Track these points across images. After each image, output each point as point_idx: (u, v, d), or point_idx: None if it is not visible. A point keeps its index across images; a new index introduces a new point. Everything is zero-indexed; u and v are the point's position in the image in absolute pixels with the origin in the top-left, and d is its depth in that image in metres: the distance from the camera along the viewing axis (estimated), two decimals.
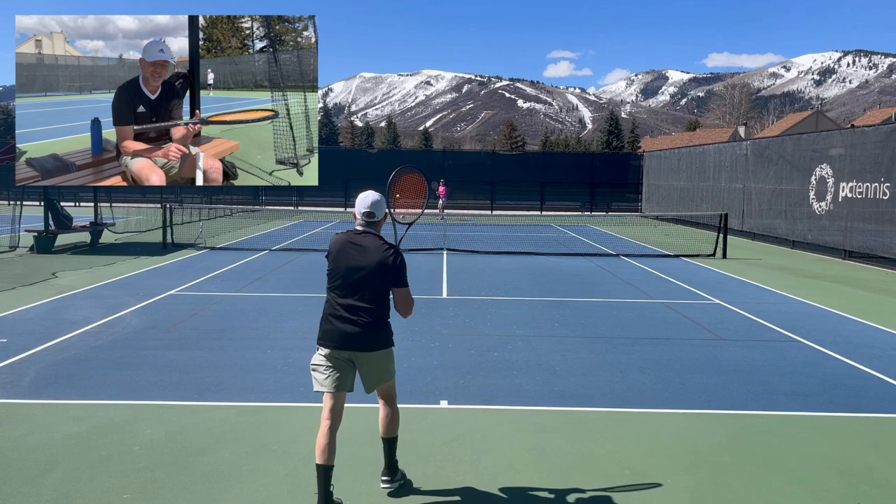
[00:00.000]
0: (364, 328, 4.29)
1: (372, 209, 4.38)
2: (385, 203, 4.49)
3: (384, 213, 4.46)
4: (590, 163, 42.36)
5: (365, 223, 4.41)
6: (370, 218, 4.39)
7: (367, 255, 4.30)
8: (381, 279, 4.30)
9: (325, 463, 4.22)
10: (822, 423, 6.00)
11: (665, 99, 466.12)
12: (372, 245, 4.32)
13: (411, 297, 4.40)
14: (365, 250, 4.31)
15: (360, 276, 4.29)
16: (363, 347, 4.31)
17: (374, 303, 4.32)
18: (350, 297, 4.32)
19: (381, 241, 4.36)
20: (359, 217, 4.42)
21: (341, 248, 4.36)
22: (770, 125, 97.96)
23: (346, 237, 4.40)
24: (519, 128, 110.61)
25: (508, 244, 20.09)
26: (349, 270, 4.31)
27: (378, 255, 4.29)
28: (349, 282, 4.32)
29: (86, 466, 4.82)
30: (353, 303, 4.31)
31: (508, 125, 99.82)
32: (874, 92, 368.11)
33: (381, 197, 4.44)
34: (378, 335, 4.34)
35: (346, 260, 4.32)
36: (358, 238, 4.36)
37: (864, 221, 17.32)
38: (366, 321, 4.29)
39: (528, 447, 5.32)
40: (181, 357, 7.57)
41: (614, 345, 8.56)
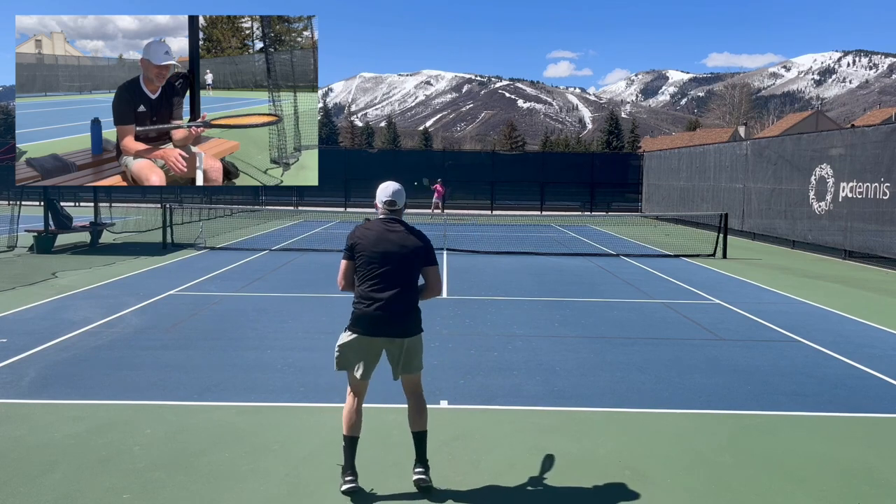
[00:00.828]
0: (402, 313, 4.48)
1: (394, 197, 4.58)
2: (405, 192, 4.68)
3: (405, 201, 4.67)
4: (590, 163, 42.35)
5: (388, 212, 4.59)
6: (392, 206, 4.58)
7: (403, 241, 4.50)
8: (416, 262, 4.52)
9: (354, 434, 4.57)
10: (822, 423, 6.00)
11: (665, 99, 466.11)
12: (404, 231, 4.55)
13: (439, 276, 4.68)
14: (400, 236, 4.52)
15: (399, 261, 4.48)
16: (400, 333, 4.49)
17: (410, 288, 4.54)
18: (388, 283, 4.48)
19: (410, 227, 4.60)
20: (381, 206, 4.60)
21: (378, 237, 4.50)
22: (770, 125, 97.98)
23: (378, 226, 4.55)
24: (519, 128, 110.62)
25: (508, 244, 20.09)
26: (388, 257, 4.47)
27: (412, 240, 4.52)
28: (387, 268, 4.48)
29: (86, 466, 4.82)
30: (392, 289, 4.47)
31: (508, 125, 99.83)
32: (874, 92, 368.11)
33: (401, 187, 4.64)
34: (415, 319, 4.55)
35: (385, 246, 4.48)
36: (391, 226, 4.55)
37: (865, 221, 17.32)
38: (404, 306, 4.49)
39: (528, 447, 5.32)
40: (181, 357, 7.57)
41: (614, 345, 8.55)
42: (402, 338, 4.49)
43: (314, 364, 7.40)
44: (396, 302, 4.45)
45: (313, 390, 6.56)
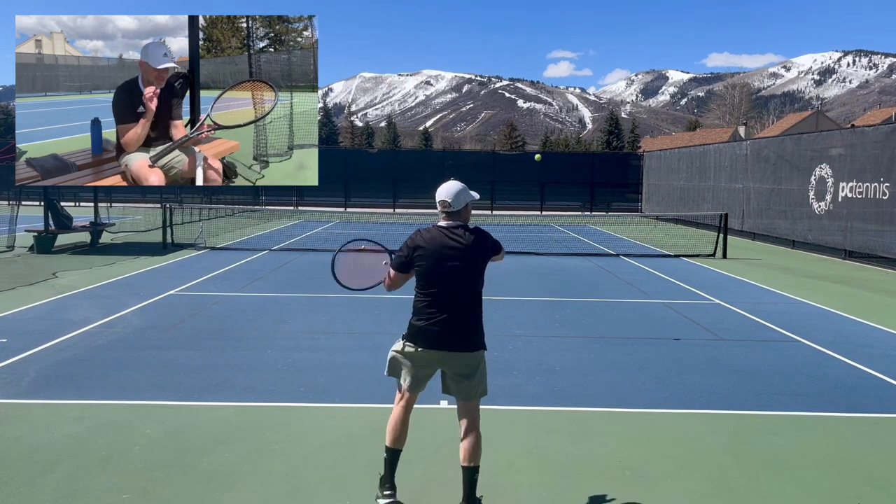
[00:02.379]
0: (463, 327, 4.23)
1: (446, 198, 4.21)
2: (467, 193, 4.29)
3: (464, 202, 4.27)
4: (590, 163, 42.35)
5: (446, 214, 4.27)
6: (445, 208, 4.24)
7: (467, 249, 4.23)
8: (482, 264, 4.32)
9: (399, 447, 4.33)
10: (822, 423, 6.00)
11: (665, 99, 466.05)
12: (467, 236, 4.25)
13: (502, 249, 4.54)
14: (464, 245, 4.22)
15: (464, 270, 4.23)
16: (458, 347, 4.21)
17: (476, 299, 4.32)
18: (452, 294, 4.23)
19: (471, 230, 4.31)
20: (439, 208, 4.28)
21: (439, 246, 4.19)
22: (770, 125, 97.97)
23: (439, 235, 4.23)
24: (519, 128, 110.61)
25: (508, 244, 20.02)
26: (451, 269, 4.20)
27: (477, 244, 4.28)
28: (451, 279, 4.21)
29: (86, 466, 4.82)
30: (456, 301, 4.23)
31: (508, 125, 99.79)
32: (874, 92, 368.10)
33: (462, 187, 4.27)
34: (480, 332, 4.32)
35: (448, 255, 4.19)
36: (453, 234, 4.23)
37: (864, 221, 17.32)
38: (467, 319, 4.25)
39: (528, 447, 5.32)
40: (181, 357, 7.57)
41: (614, 345, 8.55)
42: (463, 352, 4.22)
43: (314, 364, 7.41)
44: (460, 315, 4.23)
45: (313, 390, 6.56)
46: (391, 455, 4.32)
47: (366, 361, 7.54)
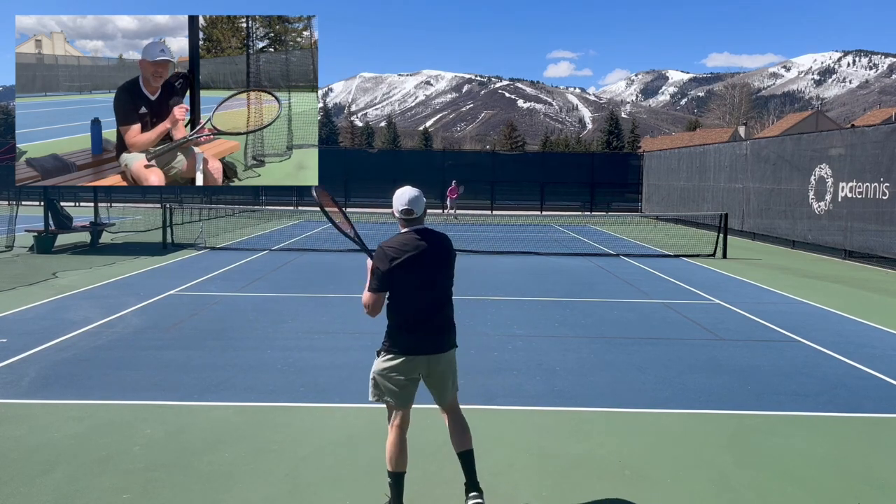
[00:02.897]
0: (445, 328, 4.26)
1: (410, 206, 4.19)
2: (423, 198, 4.28)
3: (423, 208, 4.27)
4: (590, 163, 42.34)
5: (406, 220, 4.23)
6: (409, 215, 4.20)
7: (440, 252, 4.22)
8: (452, 269, 4.31)
9: (401, 470, 4.21)
10: (822, 423, 6.00)
11: (665, 99, 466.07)
12: (437, 240, 4.24)
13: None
14: (437, 247, 4.20)
15: (440, 273, 4.23)
16: (442, 348, 4.23)
17: (450, 298, 4.33)
18: (433, 297, 4.23)
19: (436, 233, 4.28)
20: (398, 215, 4.24)
21: (415, 252, 4.12)
22: (770, 125, 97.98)
23: (411, 240, 4.17)
24: (519, 128, 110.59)
25: (508, 244, 20.09)
26: (429, 271, 4.17)
27: (447, 248, 4.27)
28: (430, 283, 4.20)
29: (86, 466, 4.82)
30: (437, 303, 4.24)
31: (508, 125, 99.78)
32: (874, 92, 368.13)
33: (419, 193, 4.25)
34: (454, 332, 4.33)
35: (424, 260, 4.15)
36: (424, 236, 4.20)
37: (864, 221, 17.32)
38: (447, 320, 4.29)
39: (528, 447, 5.32)
40: (181, 357, 7.57)
41: (614, 345, 8.55)
42: (442, 353, 4.22)
43: (314, 364, 7.41)
44: (442, 314, 4.26)
45: (313, 390, 6.57)
46: (396, 479, 4.19)
47: (366, 361, 7.51)
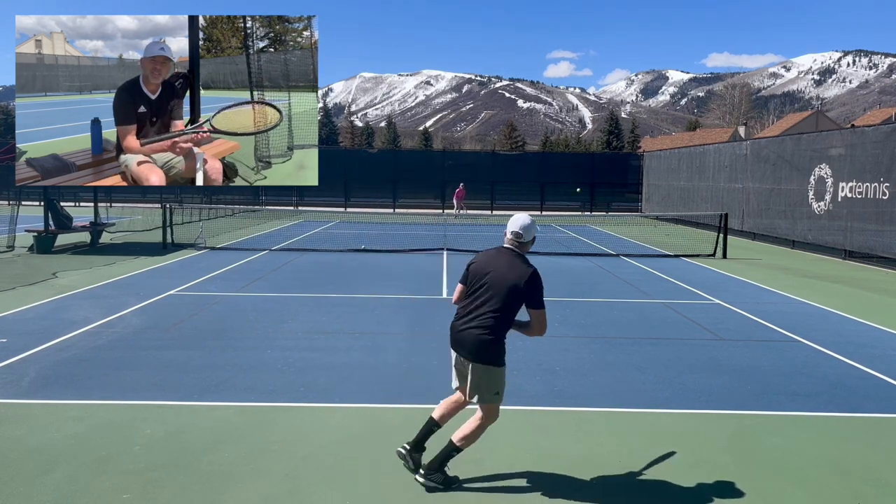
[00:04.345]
0: (476, 336, 4.51)
1: (521, 230, 4.62)
2: (535, 227, 4.69)
3: (532, 236, 4.68)
4: (590, 163, 42.34)
5: (513, 242, 4.65)
6: (518, 238, 4.63)
7: (505, 272, 4.52)
8: (511, 296, 4.49)
9: (435, 417, 4.76)
10: (822, 423, 6.00)
11: (665, 99, 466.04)
12: (515, 262, 4.56)
13: (544, 320, 4.58)
14: (505, 267, 4.55)
15: (491, 286, 4.53)
16: (469, 356, 4.55)
17: (494, 316, 4.50)
18: (476, 304, 4.57)
19: (522, 262, 4.58)
20: (508, 235, 4.67)
21: (486, 258, 4.68)
22: (770, 125, 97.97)
23: (493, 251, 4.71)
24: (519, 128, 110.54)
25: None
26: (482, 278, 4.58)
27: (513, 275, 4.50)
28: (477, 289, 4.59)
29: (86, 466, 4.82)
30: (477, 310, 4.55)
31: (508, 125, 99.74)
32: (874, 92, 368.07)
33: (532, 221, 4.67)
34: (486, 348, 4.50)
35: (486, 270, 4.59)
36: (502, 253, 4.65)
37: (864, 221, 17.32)
38: (479, 330, 4.50)
39: (528, 447, 5.32)
40: (181, 357, 7.57)
41: (614, 345, 8.55)
42: (471, 362, 4.53)
43: (314, 364, 7.41)
44: (476, 322, 4.51)
45: (313, 390, 6.57)
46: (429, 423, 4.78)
47: (366, 361, 7.55)
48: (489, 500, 4.48)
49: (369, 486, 4.61)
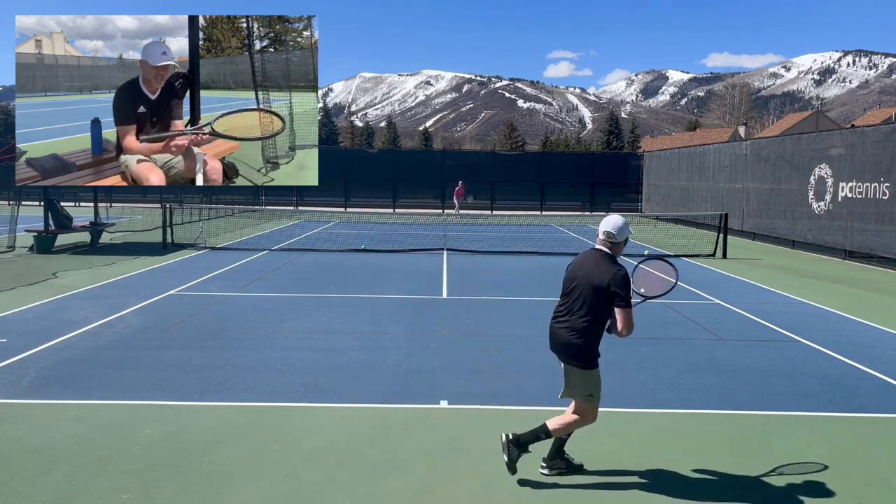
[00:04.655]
0: (566, 338, 4.62)
1: (612, 230, 4.67)
2: (628, 228, 4.72)
3: (625, 237, 4.70)
4: (590, 163, 42.34)
5: (604, 242, 4.70)
6: (609, 238, 4.68)
7: (591, 273, 4.59)
8: (596, 296, 4.55)
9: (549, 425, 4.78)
10: (822, 423, 6.00)
11: (665, 99, 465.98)
12: (602, 262, 4.60)
13: (630, 319, 4.56)
14: (592, 267, 4.61)
15: (580, 287, 4.61)
16: (562, 357, 4.68)
17: (583, 316, 4.59)
18: (568, 306, 4.67)
19: (612, 262, 4.61)
20: (600, 235, 4.72)
21: (578, 260, 4.77)
22: (770, 125, 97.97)
23: (587, 251, 4.79)
24: (519, 128, 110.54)
25: (508, 244, 20.08)
26: (573, 279, 4.68)
27: (599, 275, 4.54)
28: (569, 290, 4.70)
29: (86, 466, 4.82)
30: (569, 312, 4.65)
31: (508, 125, 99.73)
32: (874, 92, 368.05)
33: (625, 222, 4.72)
34: (578, 349, 4.59)
35: (576, 269, 4.70)
36: (592, 255, 4.71)
37: (864, 221, 17.31)
38: (569, 332, 4.62)
39: (529, 447, 5.31)
40: (181, 357, 7.57)
41: (614, 345, 8.53)
42: (564, 362, 4.65)
43: (314, 364, 7.41)
44: (563, 325, 4.63)
45: (313, 390, 6.56)
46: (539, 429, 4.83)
47: (366, 361, 7.55)
48: (489, 500, 4.48)
49: (369, 486, 4.61)
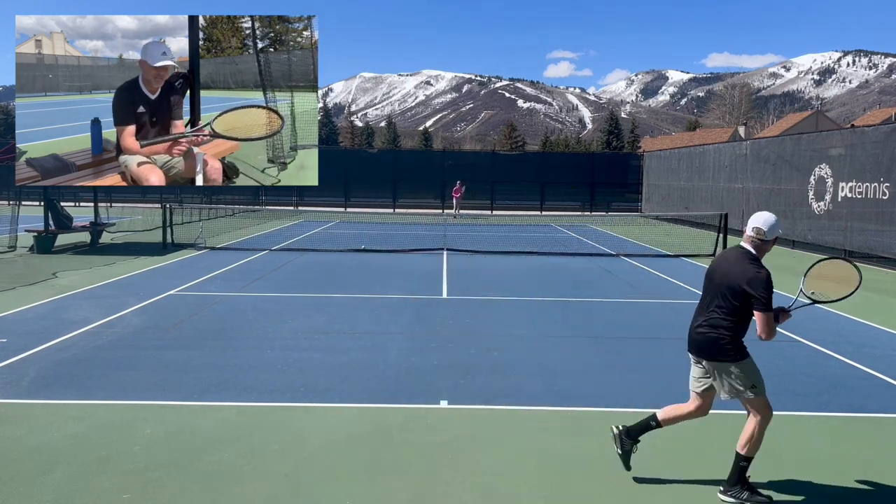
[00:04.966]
0: (703, 335, 4.53)
1: (763, 226, 4.47)
2: (778, 227, 4.52)
3: (775, 236, 4.50)
4: (590, 163, 42.34)
5: (752, 240, 4.50)
6: (759, 235, 4.48)
7: (728, 270, 4.47)
8: (731, 295, 4.41)
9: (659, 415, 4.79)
10: (822, 423, 6.00)
11: (665, 99, 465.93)
12: (742, 261, 4.44)
13: (769, 324, 4.32)
14: (730, 265, 4.49)
15: (717, 285, 4.52)
16: (702, 356, 4.56)
17: (719, 314, 4.47)
18: (704, 303, 4.61)
19: (752, 262, 4.41)
20: (749, 232, 4.52)
21: (719, 258, 4.69)
22: (770, 125, 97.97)
23: (731, 248, 4.63)
24: (519, 128, 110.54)
25: (508, 244, 20.08)
26: (711, 278, 4.61)
27: (736, 272, 4.41)
28: (708, 288, 4.62)
29: (86, 466, 4.82)
30: (705, 309, 4.57)
31: (508, 125, 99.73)
32: (874, 92, 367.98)
33: (777, 220, 4.52)
34: (713, 345, 4.48)
35: (716, 268, 4.60)
36: (734, 252, 4.56)
37: (864, 221, 17.31)
38: (705, 328, 4.52)
39: (528, 447, 5.32)
40: (181, 357, 7.57)
41: (614, 345, 8.55)
42: (706, 360, 4.54)
43: (314, 364, 7.41)
44: (704, 322, 4.53)
45: (313, 390, 6.56)
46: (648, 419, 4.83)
47: (366, 361, 7.55)
48: (489, 500, 4.48)
49: (369, 486, 4.61)
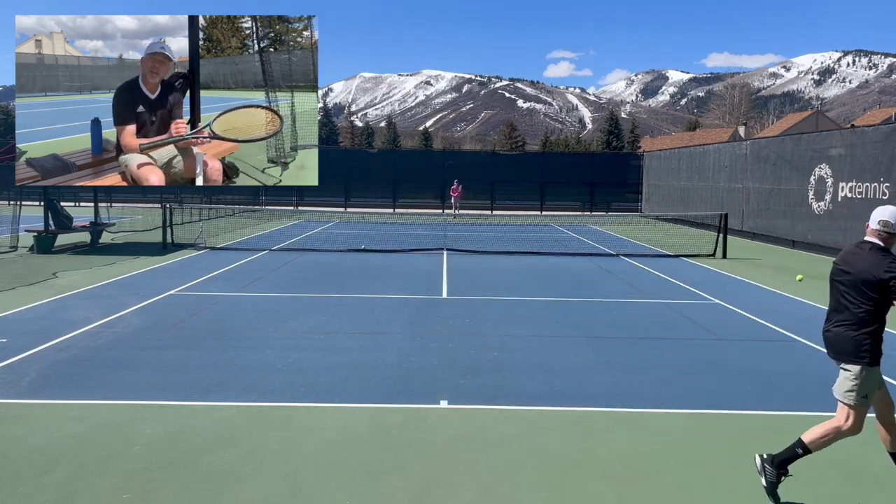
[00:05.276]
0: (835, 334, 4.42)
1: (890, 219, 4.30)
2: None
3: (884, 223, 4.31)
4: (590, 163, 42.33)
5: (877, 234, 4.34)
6: (886, 228, 4.31)
7: (862, 264, 4.28)
8: (866, 289, 4.23)
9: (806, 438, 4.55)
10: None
11: (665, 99, 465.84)
12: (874, 254, 4.27)
13: None
14: (864, 258, 4.29)
15: (847, 282, 4.35)
16: (833, 356, 4.50)
17: (852, 311, 4.32)
18: (835, 302, 4.46)
19: (879, 252, 4.26)
20: (874, 226, 4.36)
21: (843, 255, 4.46)
22: (770, 125, 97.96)
23: (854, 244, 4.46)
24: (519, 128, 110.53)
25: (508, 244, 20.08)
26: (840, 276, 4.41)
27: (865, 264, 4.24)
28: (836, 289, 4.45)
29: (86, 466, 4.82)
30: (837, 308, 4.43)
31: (508, 125, 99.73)
32: (874, 92, 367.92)
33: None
34: (843, 344, 4.37)
35: (842, 265, 4.41)
36: (862, 245, 4.38)
37: (864, 221, 17.20)
38: (839, 327, 4.39)
39: (528, 447, 5.32)
40: (181, 357, 7.57)
41: (614, 345, 8.55)
42: (836, 361, 4.47)
43: (314, 364, 7.41)
44: (831, 322, 4.44)
45: (313, 390, 6.57)
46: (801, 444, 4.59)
47: (366, 361, 7.55)
48: (489, 501, 4.48)
49: (369, 486, 4.61)
